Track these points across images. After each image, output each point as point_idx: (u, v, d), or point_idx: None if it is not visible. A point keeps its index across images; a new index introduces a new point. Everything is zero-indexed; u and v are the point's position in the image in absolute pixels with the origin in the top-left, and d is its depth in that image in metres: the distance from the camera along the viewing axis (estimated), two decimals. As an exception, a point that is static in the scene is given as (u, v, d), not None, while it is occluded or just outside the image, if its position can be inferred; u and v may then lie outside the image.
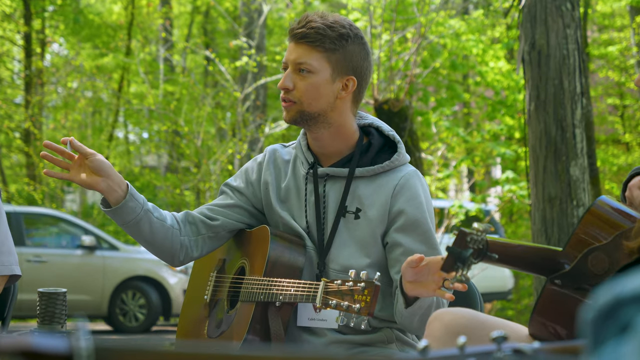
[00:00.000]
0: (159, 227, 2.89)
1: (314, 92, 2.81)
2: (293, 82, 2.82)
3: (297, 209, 2.91)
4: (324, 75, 2.81)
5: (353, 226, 2.83)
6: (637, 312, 0.85)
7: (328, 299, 2.51)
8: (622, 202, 2.56)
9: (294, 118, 2.83)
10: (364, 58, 2.85)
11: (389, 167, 2.86)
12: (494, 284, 13.84)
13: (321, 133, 2.86)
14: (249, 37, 16.46)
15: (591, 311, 0.88)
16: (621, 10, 19.75)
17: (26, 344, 0.85)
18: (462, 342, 1.23)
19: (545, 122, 7.15)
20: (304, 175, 2.91)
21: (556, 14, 7.20)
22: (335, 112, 2.84)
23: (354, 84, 2.84)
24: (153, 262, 13.46)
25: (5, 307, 3.41)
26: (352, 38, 2.82)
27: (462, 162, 13.20)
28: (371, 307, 2.44)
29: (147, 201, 2.89)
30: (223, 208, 2.98)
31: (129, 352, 0.90)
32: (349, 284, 2.48)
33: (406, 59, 11.17)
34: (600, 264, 2.35)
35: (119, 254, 13.41)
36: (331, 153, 2.90)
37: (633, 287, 0.86)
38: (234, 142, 14.97)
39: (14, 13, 19.70)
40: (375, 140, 2.90)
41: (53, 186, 18.33)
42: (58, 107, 20.32)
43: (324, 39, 2.79)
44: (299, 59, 2.81)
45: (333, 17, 2.85)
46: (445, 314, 2.46)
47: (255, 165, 3.02)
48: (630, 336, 0.84)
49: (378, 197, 2.83)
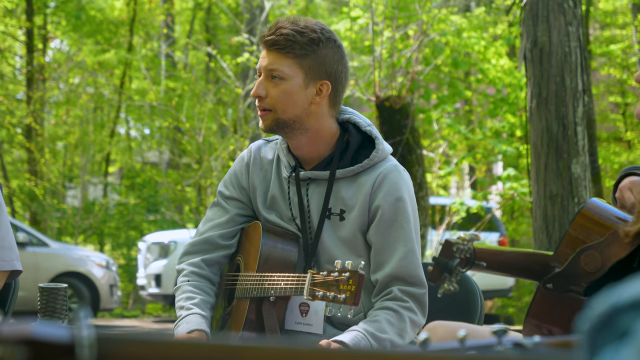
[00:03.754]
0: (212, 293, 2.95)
1: (287, 99, 2.78)
2: (266, 89, 2.80)
3: (284, 211, 2.91)
4: (296, 81, 2.78)
5: (339, 228, 2.82)
6: (634, 319, 0.84)
7: (315, 290, 2.51)
8: (612, 204, 2.56)
9: (270, 126, 2.81)
10: (338, 61, 2.82)
11: (369, 165, 2.82)
12: (494, 281, 13.83)
13: (299, 139, 2.84)
14: (251, 34, 16.45)
15: (588, 321, 0.88)
16: (623, 8, 19.73)
17: (27, 332, 0.85)
18: (462, 335, 1.23)
19: (546, 119, 7.15)
20: (287, 178, 2.90)
21: (558, 11, 7.20)
22: (311, 117, 2.81)
23: (328, 88, 2.80)
24: (82, 258, 13.79)
25: (6, 303, 3.41)
26: (323, 42, 2.79)
27: (463, 159, 13.20)
28: (356, 296, 2.44)
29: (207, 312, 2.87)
30: (228, 227, 2.97)
31: (131, 342, 0.90)
32: (334, 275, 2.49)
33: (408, 56, 11.17)
34: (592, 263, 2.36)
35: (49, 250, 13.70)
36: (311, 157, 2.88)
37: (630, 294, 0.86)
38: (236, 139, 14.97)
39: (15, 9, 19.70)
40: (353, 138, 2.87)
41: (54, 182, 18.33)
42: (60, 103, 20.32)
43: (294, 45, 2.76)
44: (270, 66, 2.79)
45: (304, 22, 2.82)
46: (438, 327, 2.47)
47: (243, 167, 2.99)
48: (628, 342, 0.84)
49: (359, 196, 2.81)
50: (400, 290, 2.75)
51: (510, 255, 2.59)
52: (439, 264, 2.33)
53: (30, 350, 0.85)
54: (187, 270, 2.94)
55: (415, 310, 2.75)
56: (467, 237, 2.37)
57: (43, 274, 13.16)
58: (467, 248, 2.36)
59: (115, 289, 14.16)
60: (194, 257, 2.96)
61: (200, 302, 2.85)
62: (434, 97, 13.05)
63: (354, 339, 2.64)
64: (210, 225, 2.98)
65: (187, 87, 17.85)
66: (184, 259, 2.98)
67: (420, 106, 12.42)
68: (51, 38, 21.03)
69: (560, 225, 7.01)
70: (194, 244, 2.98)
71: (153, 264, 14.26)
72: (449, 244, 2.35)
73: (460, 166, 15.26)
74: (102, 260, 14.17)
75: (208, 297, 2.90)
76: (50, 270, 13.42)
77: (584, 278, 2.35)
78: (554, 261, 2.45)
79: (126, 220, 18.92)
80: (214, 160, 14.94)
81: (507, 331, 1.32)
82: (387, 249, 2.77)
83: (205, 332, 2.78)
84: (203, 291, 2.90)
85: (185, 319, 2.80)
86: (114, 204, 20.00)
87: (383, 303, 2.76)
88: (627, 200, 2.55)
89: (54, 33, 20.99)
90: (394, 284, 2.76)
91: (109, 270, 13.98)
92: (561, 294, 2.39)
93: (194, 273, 2.93)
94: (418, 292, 2.76)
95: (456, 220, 11.91)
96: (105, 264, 14.03)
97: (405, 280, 2.75)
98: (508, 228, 16.14)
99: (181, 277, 2.94)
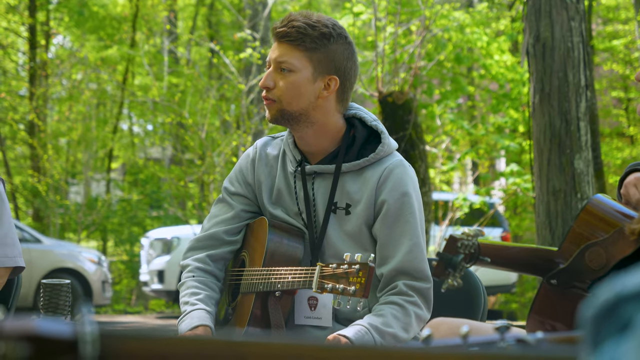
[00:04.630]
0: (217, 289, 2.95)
1: (294, 91, 2.79)
2: (274, 80, 2.81)
3: (290, 206, 2.91)
4: (304, 74, 2.79)
5: (344, 222, 2.82)
6: (638, 309, 0.84)
7: (324, 282, 2.51)
8: (617, 200, 2.56)
9: (275, 117, 2.82)
10: (347, 58, 2.84)
11: (374, 159, 2.83)
12: (497, 276, 13.82)
13: (305, 132, 2.85)
14: (254, 30, 16.44)
15: (591, 309, 0.87)
16: (626, 3, 19.71)
17: (30, 328, 0.85)
18: (465, 331, 1.23)
19: (549, 115, 7.14)
20: (292, 173, 2.91)
21: (561, 6, 7.19)
22: (318, 111, 2.82)
23: (336, 83, 2.82)
24: (74, 254, 13.83)
25: (10, 299, 3.42)
26: (334, 37, 2.80)
27: (466, 154, 13.20)
28: (366, 288, 2.44)
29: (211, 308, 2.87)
30: (233, 223, 2.97)
31: (134, 338, 0.90)
32: (343, 267, 2.48)
33: (411, 51, 11.16)
34: (597, 259, 2.35)
35: (42, 246, 13.70)
36: (317, 150, 2.89)
37: (634, 284, 0.86)
38: (238, 134, 14.97)
39: (18, 5, 19.71)
40: (359, 133, 2.88)
41: (57, 178, 18.34)
42: (62, 99, 20.33)
43: (304, 38, 2.78)
44: (280, 58, 2.80)
45: (317, 16, 2.84)
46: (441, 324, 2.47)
47: (249, 163, 3.00)
48: (630, 334, 0.83)
49: (364, 190, 2.82)
50: (405, 284, 2.75)
51: (515, 250, 2.58)
52: (443, 260, 2.33)
53: (32, 346, 0.85)
54: (192, 265, 2.94)
55: (420, 305, 2.75)
56: (471, 232, 2.37)
57: (36, 271, 13.18)
58: (471, 244, 2.36)
59: (107, 285, 14.16)
60: (199, 252, 2.96)
61: (205, 298, 2.86)
62: (437, 93, 13.04)
63: (357, 333, 2.64)
64: (216, 221, 2.99)
65: (190, 83, 17.85)
66: (188, 254, 2.98)
67: (423, 102, 12.41)
68: (54, 34, 21.04)
69: (563, 221, 7.01)
70: (199, 239, 2.98)
71: (156, 260, 14.27)
72: (453, 240, 2.35)
73: (463, 162, 15.27)
74: (94, 256, 14.17)
75: (213, 292, 2.91)
76: (43, 267, 13.42)
77: (588, 274, 2.35)
78: (558, 257, 2.45)
79: (129, 216, 18.94)
80: (216, 156, 14.94)
81: (509, 327, 1.32)
82: (393, 243, 2.78)
83: (210, 327, 2.79)
84: (208, 287, 2.91)
85: (189, 314, 2.81)
86: (116, 200, 20.02)
87: (388, 298, 2.76)
88: (632, 196, 2.54)
89: (56, 29, 21.00)
90: (400, 278, 2.76)
91: (100, 267, 13.98)
92: (565, 290, 2.39)
93: (199, 269, 2.93)
94: (423, 286, 2.76)
95: (459, 216, 11.91)
96: (97, 260, 14.03)
97: (411, 275, 2.75)
98: (511, 223, 16.13)
99: (186, 273, 2.94)
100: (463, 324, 2.43)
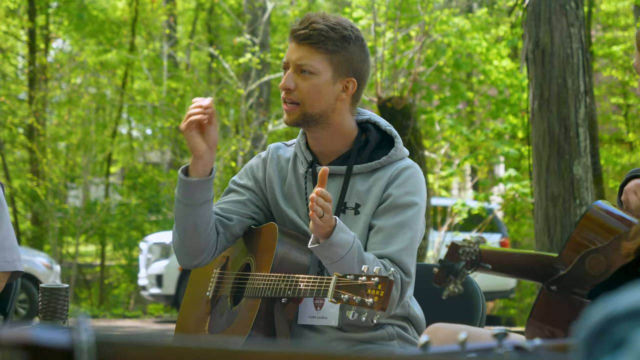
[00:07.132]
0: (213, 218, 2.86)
1: (316, 94, 2.81)
2: (295, 82, 2.82)
3: (300, 207, 2.91)
4: (325, 76, 2.81)
5: (354, 222, 2.83)
6: (631, 328, 0.84)
7: (340, 293, 2.49)
8: (617, 207, 2.56)
9: (296, 121, 2.83)
10: (364, 60, 2.87)
11: (387, 162, 2.86)
12: (496, 282, 13.82)
13: (320, 133, 2.87)
14: (253, 34, 16.46)
15: (583, 330, 0.87)
16: (625, 10, 19.72)
17: (27, 337, 0.85)
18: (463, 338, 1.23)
19: (548, 120, 7.15)
20: (303, 174, 2.91)
21: (560, 12, 7.20)
22: (335, 113, 2.84)
23: (354, 85, 2.85)
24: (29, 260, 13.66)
25: (8, 303, 3.42)
26: (353, 40, 2.83)
27: (465, 160, 13.21)
28: (384, 301, 2.43)
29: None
30: (235, 207, 2.95)
31: (131, 346, 0.90)
32: (362, 279, 2.47)
33: (410, 57, 11.17)
34: (597, 266, 2.35)
35: None
36: (329, 152, 2.91)
37: (626, 303, 0.86)
38: (237, 139, 14.98)
39: (18, 9, 19.71)
40: (372, 136, 2.90)
41: (56, 182, 18.32)
42: (62, 103, 20.31)
43: (326, 41, 2.80)
44: (300, 60, 2.81)
45: (335, 18, 2.86)
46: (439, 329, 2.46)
47: (260, 162, 3.02)
48: (625, 351, 0.83)
49: (374, 190, 2.83)
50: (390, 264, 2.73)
51: (515, 257, 2.58)
52: (444, 267, 2.33)
53: (29, 354, 0.84)
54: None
55: (399, 281, 2.73)
56: (473, 239, 2.37)
57: None
58: (473, 250, 2.36)
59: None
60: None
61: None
62: (436, 98, 13.05)
63: (344, 229, 2.64)
64: (225, 199, 2.98)
65: (189, 87, 17.86)
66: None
67: (422, 107, 12.42)
68: (53, 38, 21.03)
69: (562, 227, 7.01)
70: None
71: (154, 264, 14.26)
72: (455, 247, 2.35)
73: (462, 167, 15.27)
74: (46, 260, 14.12)
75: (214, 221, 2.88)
76: None
77: (588, 281, 2.35)
78: (558, 263, 2.45)
79: (128, 221, 18.92)
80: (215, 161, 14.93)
81: (507, 334, 1.32)
82: (387, 232, 2.77)
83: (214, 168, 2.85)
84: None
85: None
86: (115, 204, 19.99)
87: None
88: (633, 203, 2.55)
89: (56, 33, 21.00)
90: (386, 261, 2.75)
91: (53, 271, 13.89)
92: (565, 296, 2.39)
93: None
94: (405, 279, 2.74)
95: (458, 222, 11.92)
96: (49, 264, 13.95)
97: (397, 266, 2.74)
98: (510, 229, 16.13)
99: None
100: (461, 330, 2.43)
